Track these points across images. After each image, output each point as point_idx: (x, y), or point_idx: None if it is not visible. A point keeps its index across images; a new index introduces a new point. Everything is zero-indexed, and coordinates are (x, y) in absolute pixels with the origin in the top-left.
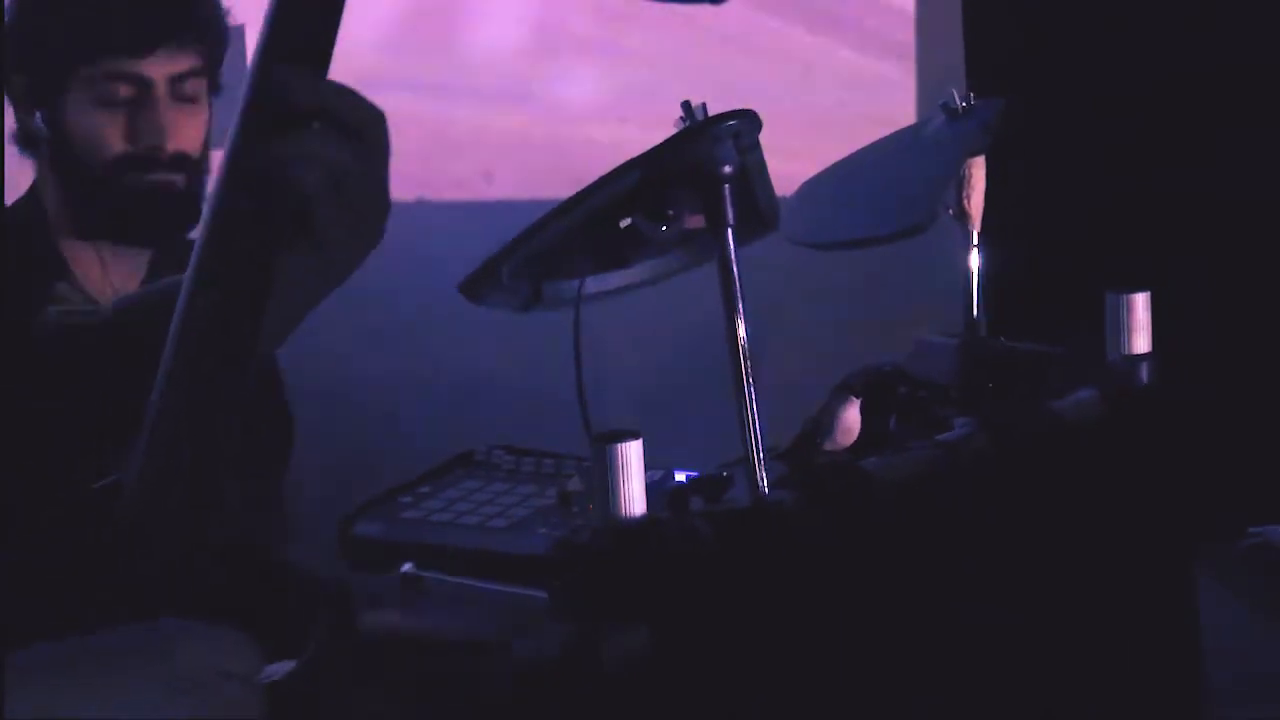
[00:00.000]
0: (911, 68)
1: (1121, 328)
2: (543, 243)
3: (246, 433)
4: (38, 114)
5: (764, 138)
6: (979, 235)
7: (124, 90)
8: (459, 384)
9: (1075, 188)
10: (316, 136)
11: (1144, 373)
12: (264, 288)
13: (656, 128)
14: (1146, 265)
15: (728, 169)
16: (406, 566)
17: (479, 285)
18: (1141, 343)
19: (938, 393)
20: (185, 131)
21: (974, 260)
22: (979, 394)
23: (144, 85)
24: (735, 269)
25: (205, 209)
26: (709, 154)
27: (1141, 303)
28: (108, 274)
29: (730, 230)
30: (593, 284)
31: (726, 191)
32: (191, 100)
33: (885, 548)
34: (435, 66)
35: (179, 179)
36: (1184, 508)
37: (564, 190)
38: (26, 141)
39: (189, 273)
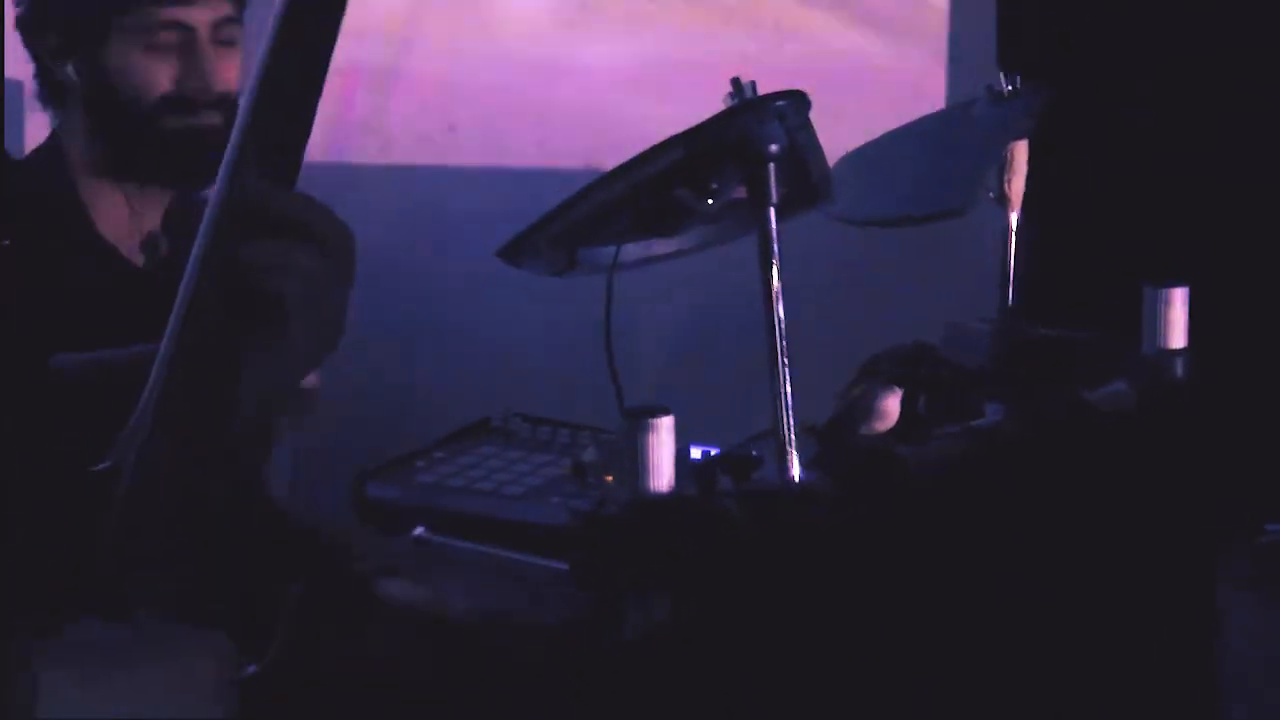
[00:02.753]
0: (943, 52)
1: (1158, 321)
2: (586, 210)
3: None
4: (69, 66)
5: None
6: (1018, 220)
7: (169, 36)
8: (479, 350)
9: (1118, 176)
10: (292, 246)
11: (1179, 367)
12: (230, 389)
13: (681, 102)
14: (1185, 258)
15: (774, 148)
16: (419, 530)
17: (519, 251)
18: (1178, 337)
19: (970, 376)
20: (225, 74)
21: (1011, 244)
22: (1011, 380)
23: (188, 31)
24: (776, 248)
25: (173, 312)
26: (756, 132)
27: (1179, 297)
28: (136, 215)
29: (773, 209)
30: (629, 251)
31: (771, 171)
32: (229, 44)
33: (918, 533)
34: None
35: (219, 119)
36: (1209, 503)
37: (580, 160)
38: (51, 95)
39: (155, 371)
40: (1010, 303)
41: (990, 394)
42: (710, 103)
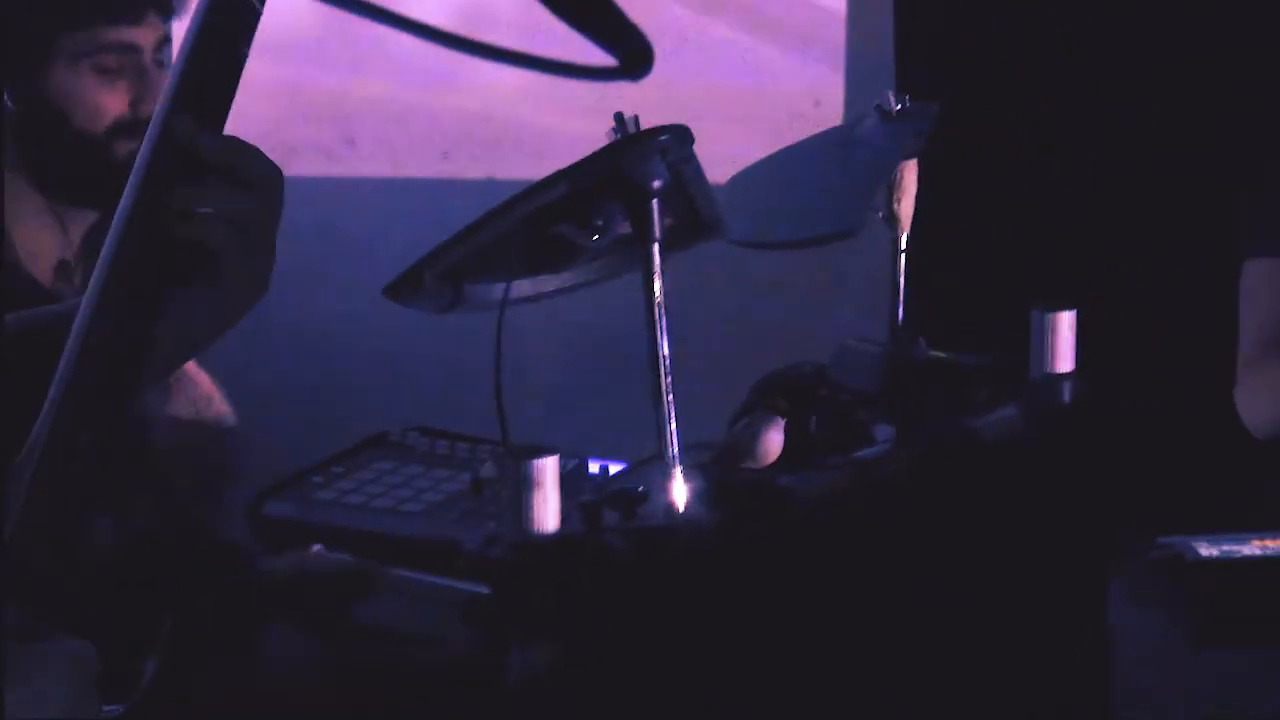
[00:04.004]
0: (841, 67)
1: (1045, 345)
2: (471, 248)
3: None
4: (3, 92)
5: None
6: (908, 240)
7: (117, 59)
8: (377, 364)
9: (1011, 196)
10: (219, 188)
11: (1066, 391)
12: (152, 326)
13: (581, 114)
14: (1077, 279)
15: (656, 184)
16: (316, 548)
17: (405, 289)
18: (1065, 361)
19: (859, 399)
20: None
21: (900, 265)
22: (900, 404)
23: (135, 52)
24: (659, 284)
25: (103, 252)
26: (638, 168)
27: (1066, 321)
28: (68, 234)
29: (656, 245)
30: (519, 287)
31: (655, 207)
32: (164, 65)
33: (803, 567)
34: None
35: None
36: (1099, 524)
37: (481, 172)
38: None
39: (83, 308)
40: (900, 324)
41: (879, 417)
42: (608, 116)
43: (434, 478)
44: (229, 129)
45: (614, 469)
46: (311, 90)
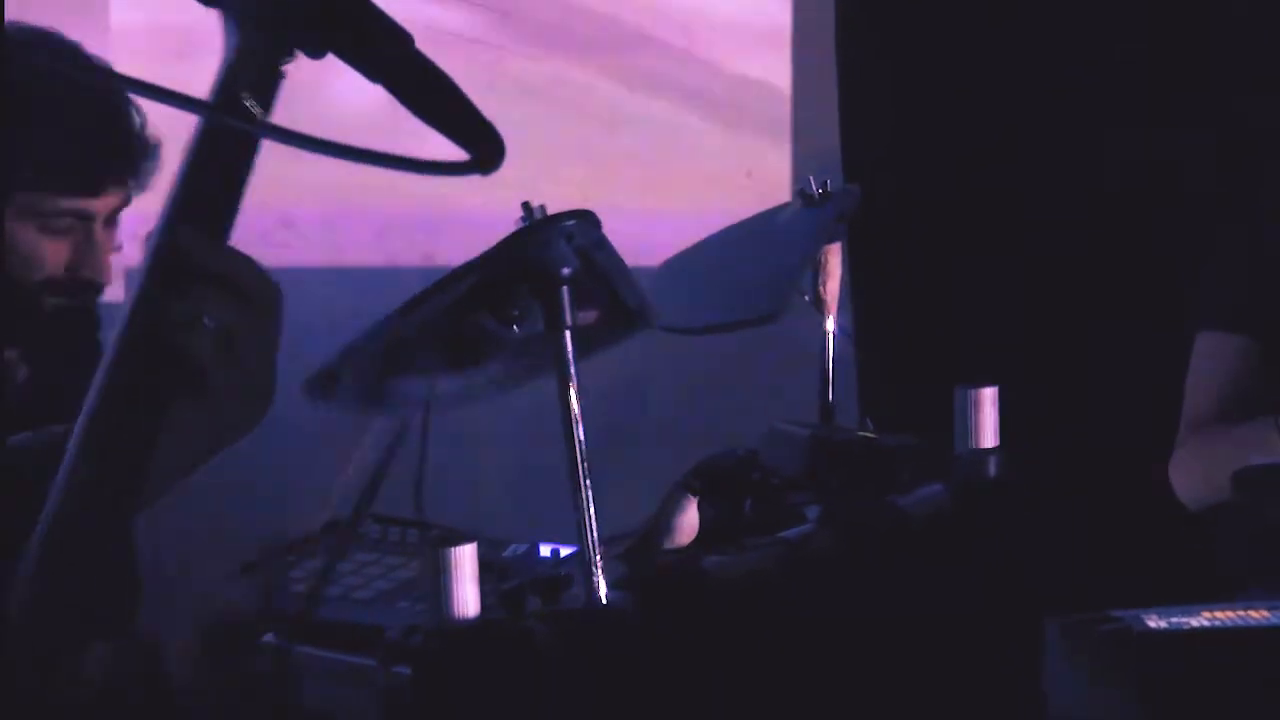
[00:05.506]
0: (787, 145)
1: (969, 421)
2: (387, 343)
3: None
4: None
5: (640, 209)
6: (836, 323)
7: (66, 222)
8: (326, 451)
9: (944, 275)
10: (212, 299)
11: (991, 466)
12: (149, 451)
13: (521, 193)
14: (1007, 356)
15: (566, 270)
16: (268, 637)
17: (319, 388)
18: (989, 437)
19: (791, 481)
20: (107, 257)
21: (830, 348)
22: (828, 486)
23: (87, 219)
24: (572, 372)
25: (100, 367)
26: (545, 254)
27: (989, 397)
28: None
29: (568, 333)
30: (445, 384)
31: (565, 293)
32: (114, 224)
33: (725, 647)
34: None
35: (94, 300)
36: (1031, 597)
37: (418, 256)
38: None
39: (76, 433)
40: (829, 405)
41: (809, 500)
42: (549, 195)
43: (385, 565)
44: None
45: (566, 553)
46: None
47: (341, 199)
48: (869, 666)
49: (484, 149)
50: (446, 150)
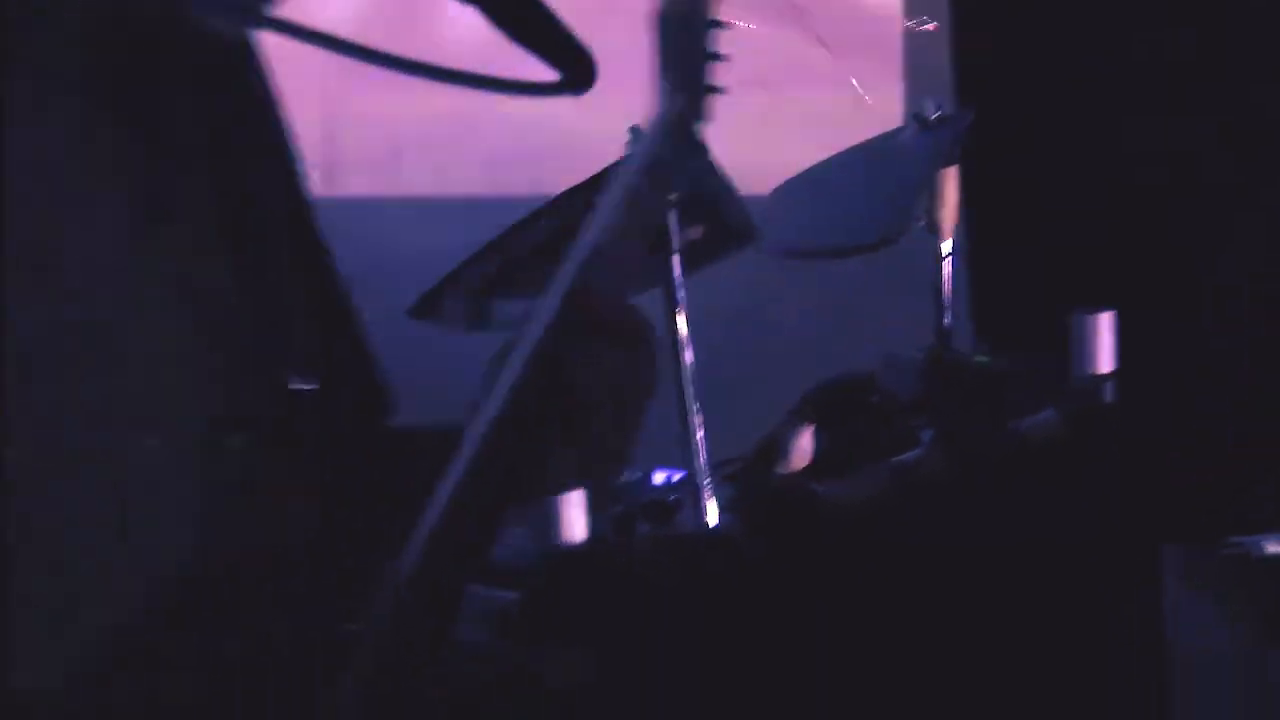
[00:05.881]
0: (898, 72)
1: (1086, 346)
2: (496, 264)
3: None
4: None
5: (748, 133)
6: (954, 246)
7: None
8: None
9: (1061, 197)
10: (602, 347)
11: (1107, 392)
12: (522, 484)
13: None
14: (1124, 280)
15: (672, 195)
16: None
17: (426, 308)
18: (1105, 362)
19: (906, 405)
20: None
21: (945, 272)
22: (942, 410)
23: None
24: (680, 297)
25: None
26: None
27: (1106, 323)
28: None
29: (677, 257)
30: None
31: (673, 217)
32: None
33: (836, 572)
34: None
35: None
36: (1148, 524)
37: (525, 184)
38: None
39: (462, 463)
40: (944, 330)
41: (923, 424)
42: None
43: None
44: None
45: (679, 478)
46: (359, 103)
47: (449, 131)
48: (980, 593)
49: (576, 70)
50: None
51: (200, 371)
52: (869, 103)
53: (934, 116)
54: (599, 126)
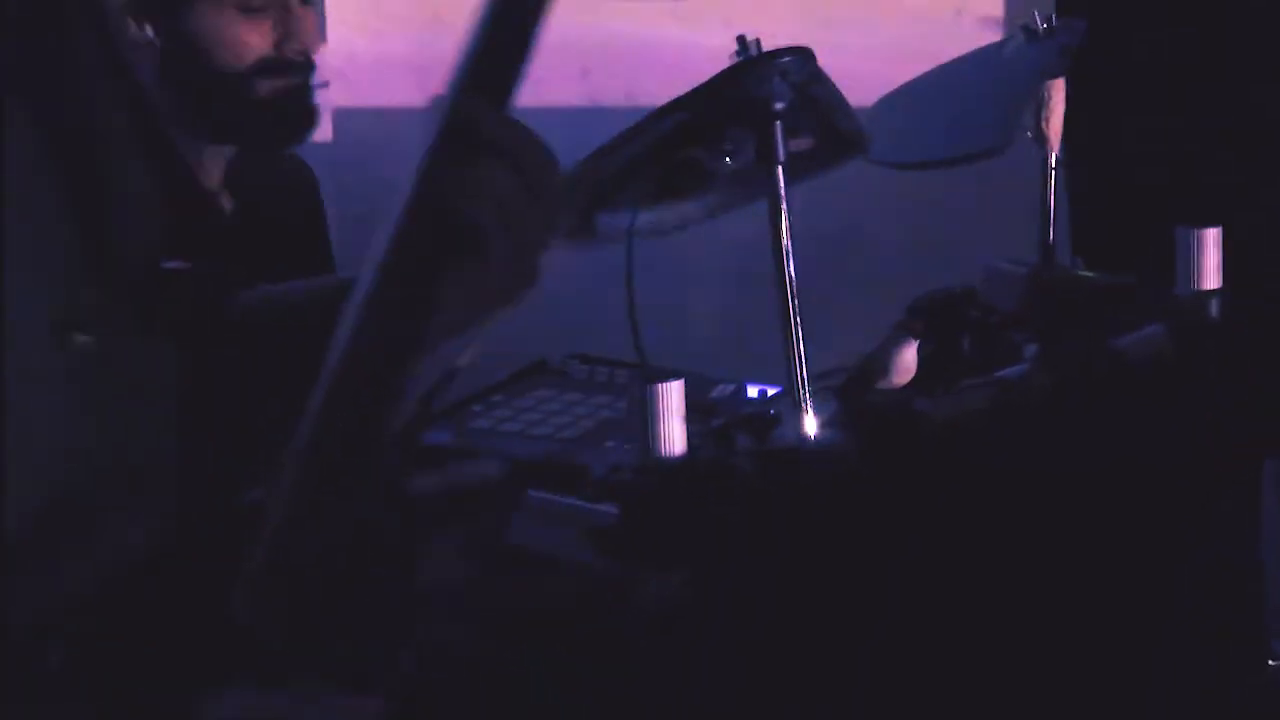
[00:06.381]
0: None
1: (1191, 262)
2: (598, 177)
3: None
4: (146, 26)
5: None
6: (1058, 159)
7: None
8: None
9: (1163, 112)
10: (493, 170)
11: (1213, 308)
12: (428, 320)
13: (726, 30)
14: (1229, 195)
15: (779, 105)
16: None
17: None
18: (1211, 278)
19: (1009, 320)
20: (314, 33)
21: (1050, 184)
22: (1044, 325)
23: None
24: (785, 208)
25: (383, 236)
26: (759, 91)
27: (1212, 238)
28: (206, 168)
29: (781, 168)
30: (651, 217)
31: (778, 129)
32: (310, 3)
33: (938, 489)
34: None
35: (308, 81)
36: (1251, 442)
37: (621, 96)
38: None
39: (356, 298)
40: (1049, 244)
41: (1026, 339)
42: (753, 27)
43: (592, 404)
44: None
45: (773, 393)
46: (450, 12)
47: (544, 39)
48: (1080, 511)
49: None
50: None
51: (36, 271)
52: (959, 15)
53: (1042, 27)
54: (693, 38)
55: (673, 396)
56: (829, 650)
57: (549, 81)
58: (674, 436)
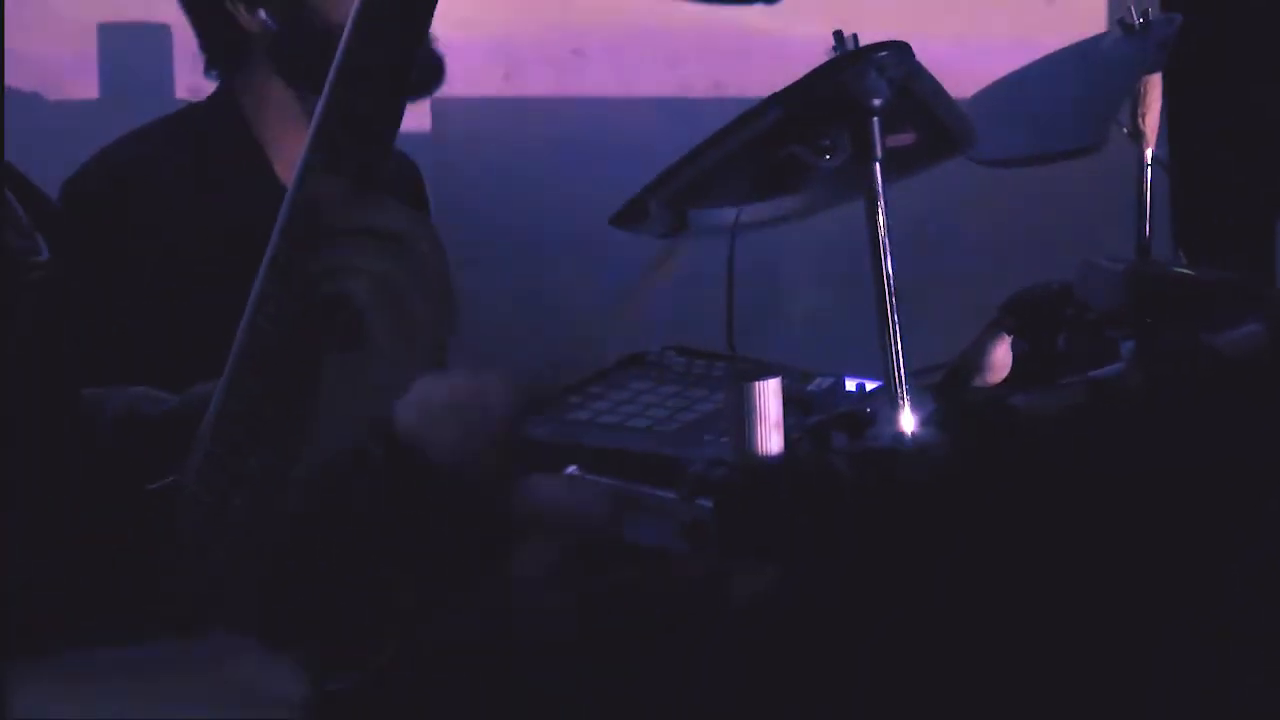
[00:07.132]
0: None
1: None
2: (693, 174)
3: None
4: (261, 11)
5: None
6: (1154, 155)
7: None
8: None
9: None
10: (358, 248)
11: None
12: (309, 384)
13: (814, 21)
14: None
15: (877, 101)
16: (571, 469)
17: (629, 218)
18: None
19: (1106, 317)
20: None
21: (1146, 181)
22: (1143, 322)
23: None
24: (882, 204)
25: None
26: (856, 86)
27: None
28: None
29: (878, 164)
30: (748, 212)
31: (875, 125)
32: None
33: (1033, 488)
34: None
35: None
36: None
37: (709, 86)
38: (229, 50)
39: (228, 367)
40: (1146, 239)
41: (1123, 336)
42: (843, 20)
43: (689, 397)
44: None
45: (871, 386)
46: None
47: (633, 28)
48: (1173, 510)
49: None
50: None
51: None
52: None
53: (1139, 21)
54: (783, 30)
55: (770, 394)
56: (925, 646)
57: (638, 71)
58: (771, 434)
